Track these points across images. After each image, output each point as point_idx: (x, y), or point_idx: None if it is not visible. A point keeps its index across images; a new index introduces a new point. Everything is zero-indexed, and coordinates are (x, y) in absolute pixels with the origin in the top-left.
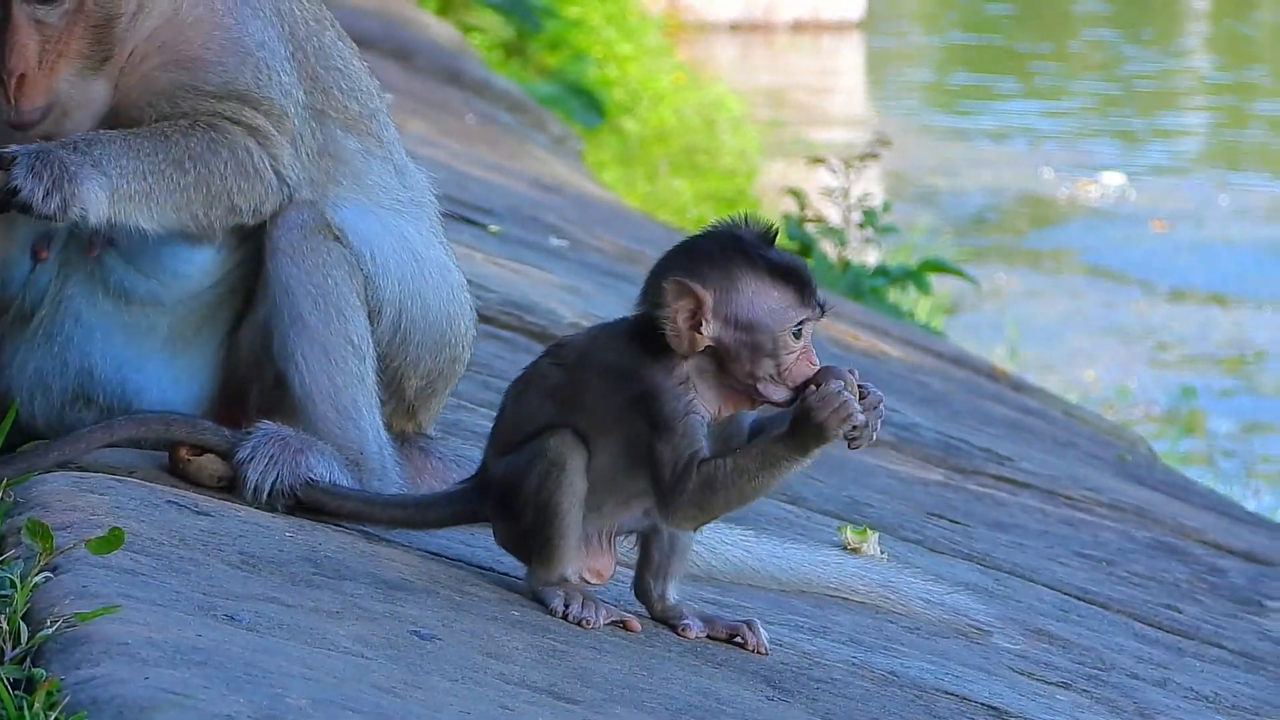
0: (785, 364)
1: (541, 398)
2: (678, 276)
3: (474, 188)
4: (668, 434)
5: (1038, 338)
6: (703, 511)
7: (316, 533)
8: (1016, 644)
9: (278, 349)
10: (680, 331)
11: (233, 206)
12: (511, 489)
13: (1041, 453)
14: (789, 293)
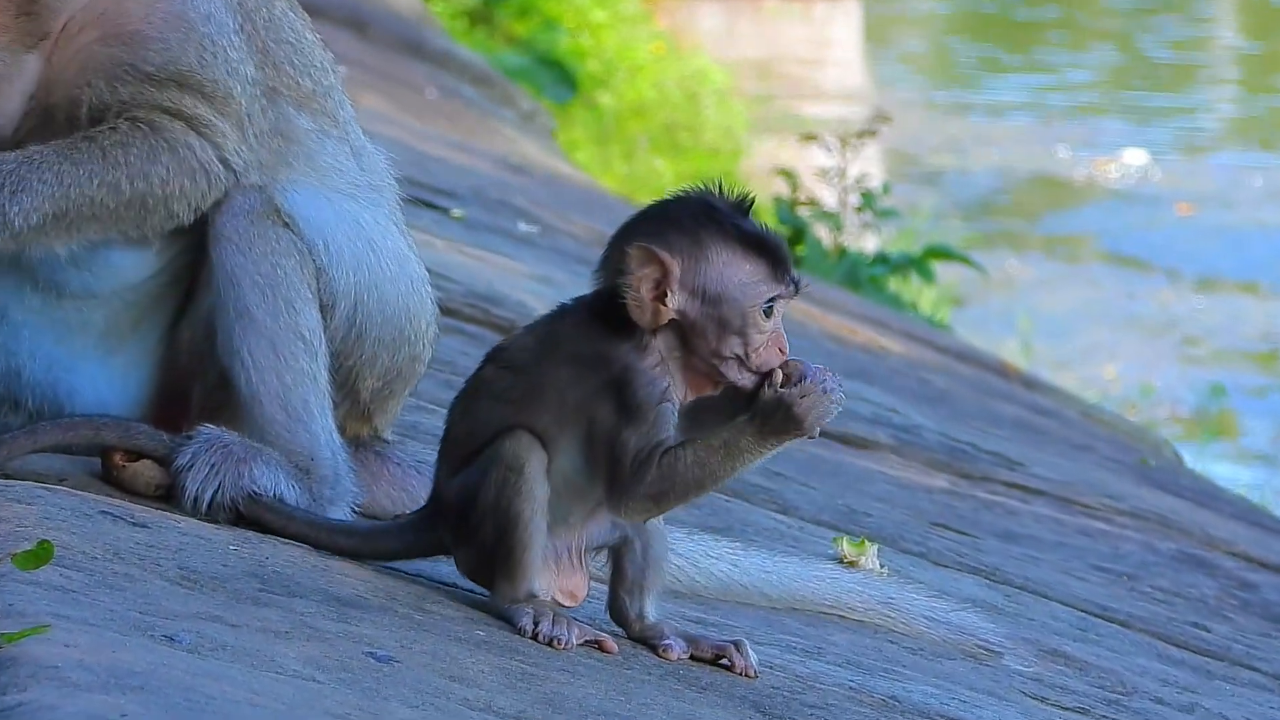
0: (753, 344)
1: (491, 404)
2: (642, 242)
3: (435, 169)
4: (638, 421)
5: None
6: (656, 504)
7: (263, 545)
8: (1029, 666)
9: (222, 345)
10: (643, 302)
11: (171, 214)
12: (467, 505)
13: (1056, 457)
14: (761, 266)
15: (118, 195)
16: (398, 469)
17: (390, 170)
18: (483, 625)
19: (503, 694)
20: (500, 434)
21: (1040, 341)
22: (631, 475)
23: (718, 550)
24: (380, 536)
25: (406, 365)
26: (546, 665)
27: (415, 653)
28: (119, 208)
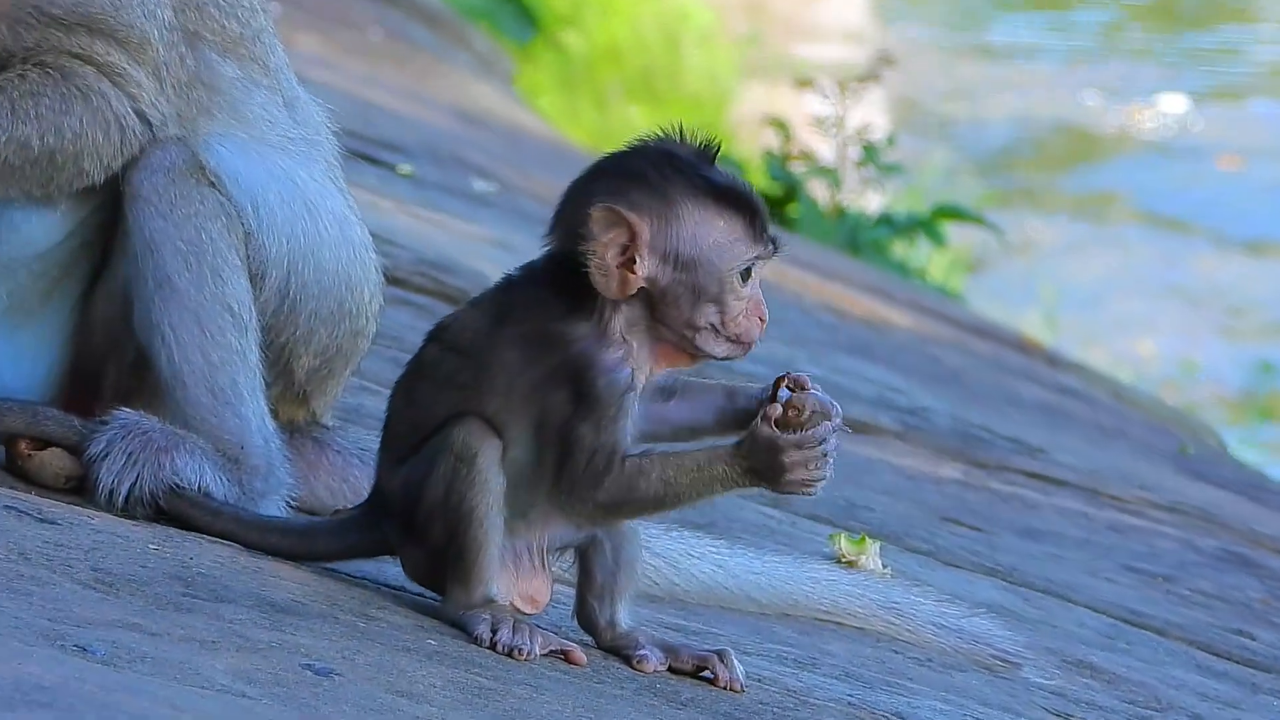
0: (731, 312)
1: (436, 388)
2: (607, 202)
3: (380, 120)
4: (594, 413)
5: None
6: (607, 513)
7: (187, 544)
8: (1052, 679)
9: (140, 319)
10: (609, 270)
11: (80, 171)
12: (414, 501)
13: (1083, 443)
14: (737, 223)
15: (25, 152)
16: (338, 457)
17: (327, 123)
18: (434, 634)
19: (457, 710)
20: (448, 421)
21: (1066, 313)
22: (585, 475)
23: (700, 549)
24: (318, 535)
25: (347, 341)
26: (506, 679)
27: (358, 665)
28: (24, 165)
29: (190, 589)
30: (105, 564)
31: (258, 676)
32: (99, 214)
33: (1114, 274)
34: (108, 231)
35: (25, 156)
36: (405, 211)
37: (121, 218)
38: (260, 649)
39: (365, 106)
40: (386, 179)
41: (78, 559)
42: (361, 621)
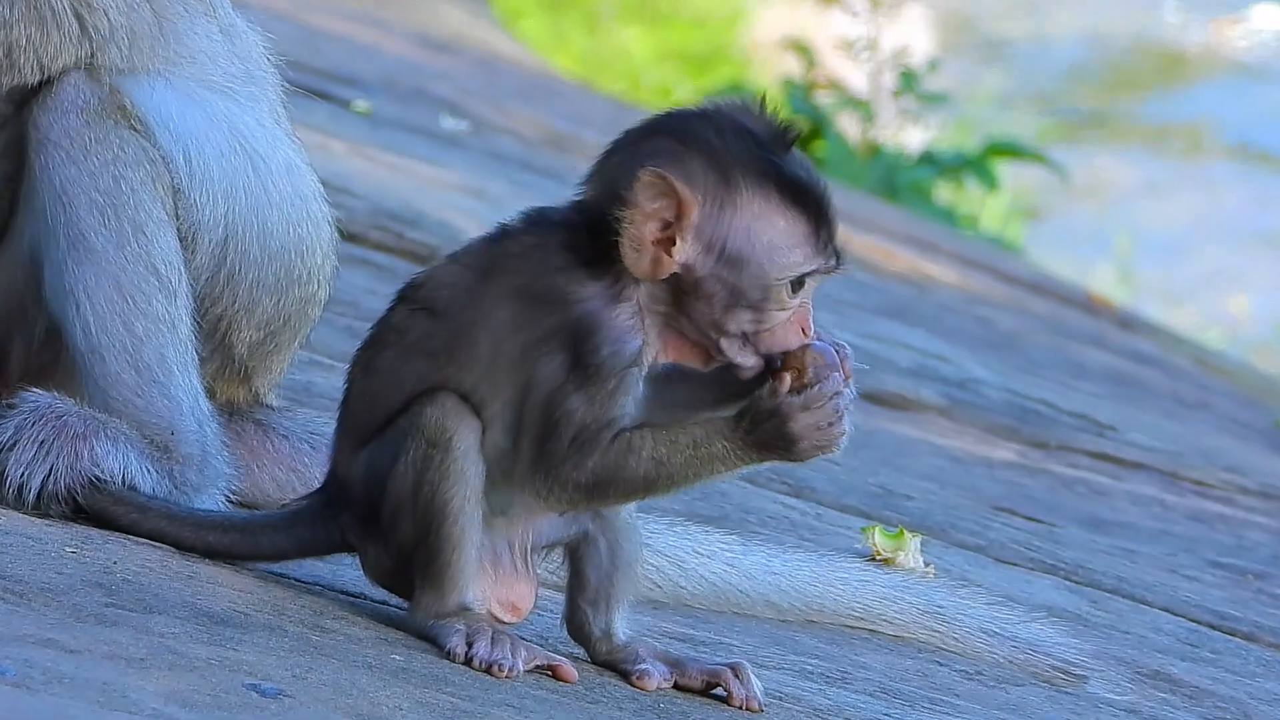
0: (768, 323)
1: (404, 357)
2: (660, 166)
3: (330, 49)
4: (592, 385)
5: (1159, 252)
6: (588, 496)
7: (110, 546)
8: (1124, 693)
9: (50, 284)
10: (643, 245)
11: (12, 64)
12: (377, 492)
13: (1160, 418)
14: (800, 226)
15: None
16: (285, 443)
17: (267, 55)
18: (400, 648)
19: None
20: (418, 397)
21: (1143, 266)
22: (569, 453)
23: (710, 546)
24: (262, 531)
25: (295, 311)
26: (484, 699)
27: (311, 684)
28: None
29: (114, 598)
30: (14, 570)
31: (195, 699)
32: (7, 161)
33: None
34: (12, 182)
35: None
36: (361, 155)
37: (28, 167)
38: (197, 667)
39: (312, 33)
40: (338, 117)
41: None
42: (314, 634)
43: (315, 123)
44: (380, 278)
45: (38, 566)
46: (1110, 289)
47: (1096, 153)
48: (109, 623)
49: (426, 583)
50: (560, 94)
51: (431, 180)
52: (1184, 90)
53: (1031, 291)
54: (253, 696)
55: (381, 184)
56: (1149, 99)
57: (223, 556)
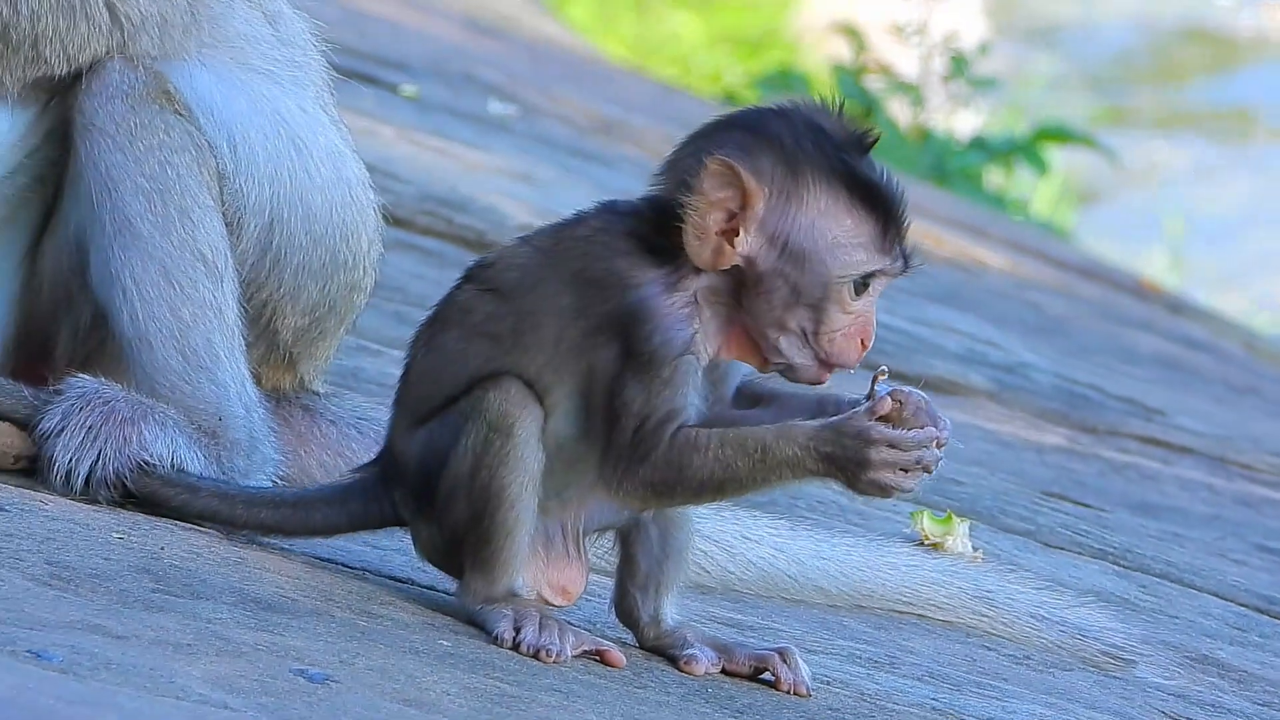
0: (829, 325)
1: (468, 338)
2: (728, 156)
3: (378, 32)
4: (647, 373)
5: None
6: (656, 495)
7: (158, 532)
8: (1172, 678)
9: (96, 270)
10: (706, 233)
11: (39, 56)
12: (433, 471)
13: (1210, 403)
14: (867, 226)
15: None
16: (332, 428)
17: (314, 41)
18: (447, 633)
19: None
20: (482, 381)
21: (1194, 251)
22: (634, 447)
23: (758, 531)
24: (314, 506)
25: (341, 297)
26: (532, 684)
27: (358, 669)
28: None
29: (161, 584)
30: (62, 556)
31: (242, 684)
32: (52, 146)
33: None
34: (60, 170)
35: None
36: (409, 140)
37: (74, 152)
38: (244, 653)
39: (359, 17)
40: (386, 101)
41: (30, 551)
42: (362, 619)
43: (363, 107)
44: (428, 263)
45: (85, 552)
46: (1160, 274)
47: (1147, 137)
48: (156, 608)
49: (477, 567)
50: (609, 79)
51: (479, 165)
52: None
53: (1081, 276)
54: (300, 682)
55: (429, 169)
56: (1199, 83)
57: (275, 532)
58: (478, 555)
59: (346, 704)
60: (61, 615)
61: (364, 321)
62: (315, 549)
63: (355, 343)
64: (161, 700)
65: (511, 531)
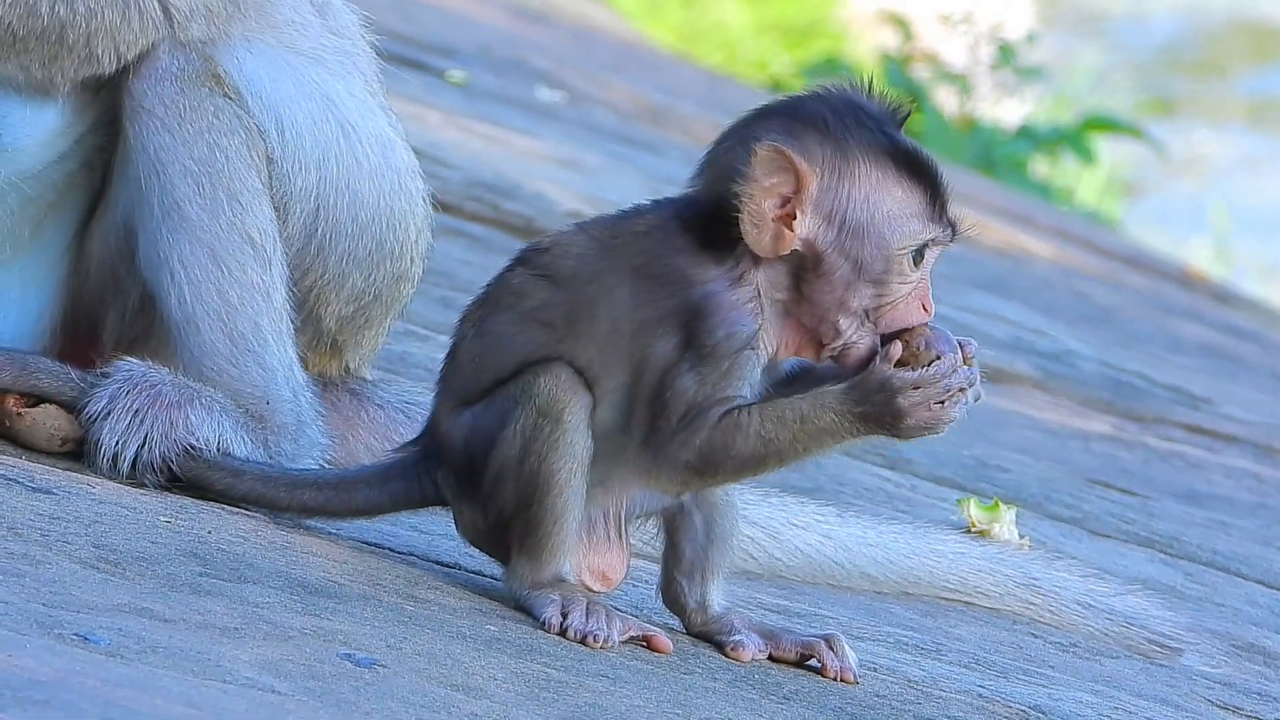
0: (891, 296)
1: (520, 322)
2: (775, 141)
3: (426, 18)
4: (705, 365)
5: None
6: (699, 475)
7: (204, 516)
8: (1218, 666)
9: (144, 253)
10: (763, 220)
11: (91, 55)
12: (480, 455)
13: (1256, 392)
14: (916, 195)
15: (32, 21)
16: (380, 412)
17: (362, 31)
18: (494, 618)
19: (521, 706)
20: (532, 366)
21: (1241, 241)
22: (677, 431)
23: (804, 517)
24: (357, 486)
25: (387, 287)
26: (579, 670)
27: (406, 654)
28: (29, 37)
29: (208, 568)
30: (109, 540)
31: (289, 669)
32: (100, 132)
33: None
34: (109, 151)
35: (32, 26)
36: (456, 126)
37: (122, 135)
38: (291, 637)
39: (408, 3)
40: (434, 87)
41: (77, 534)
42: (409, 604)
43: (410, 93)
44: (475, 249)
45: (132, 536)
46: (1207, 264)
47: (1193, 128)
48: (203, 592)
49: (524, 552)
50: (656, 66)
51: (526, 151)
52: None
53: (1127, 265)
54: (347, 666)
55: (476, 155)
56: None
57: (319, 514)
58: (525, 540)
59: (394, 688)
60: (109, 598)
61: (412, 306)
62: (362, 533)
63: (403, 327)
64: (208, 684)
65: (560, 517)
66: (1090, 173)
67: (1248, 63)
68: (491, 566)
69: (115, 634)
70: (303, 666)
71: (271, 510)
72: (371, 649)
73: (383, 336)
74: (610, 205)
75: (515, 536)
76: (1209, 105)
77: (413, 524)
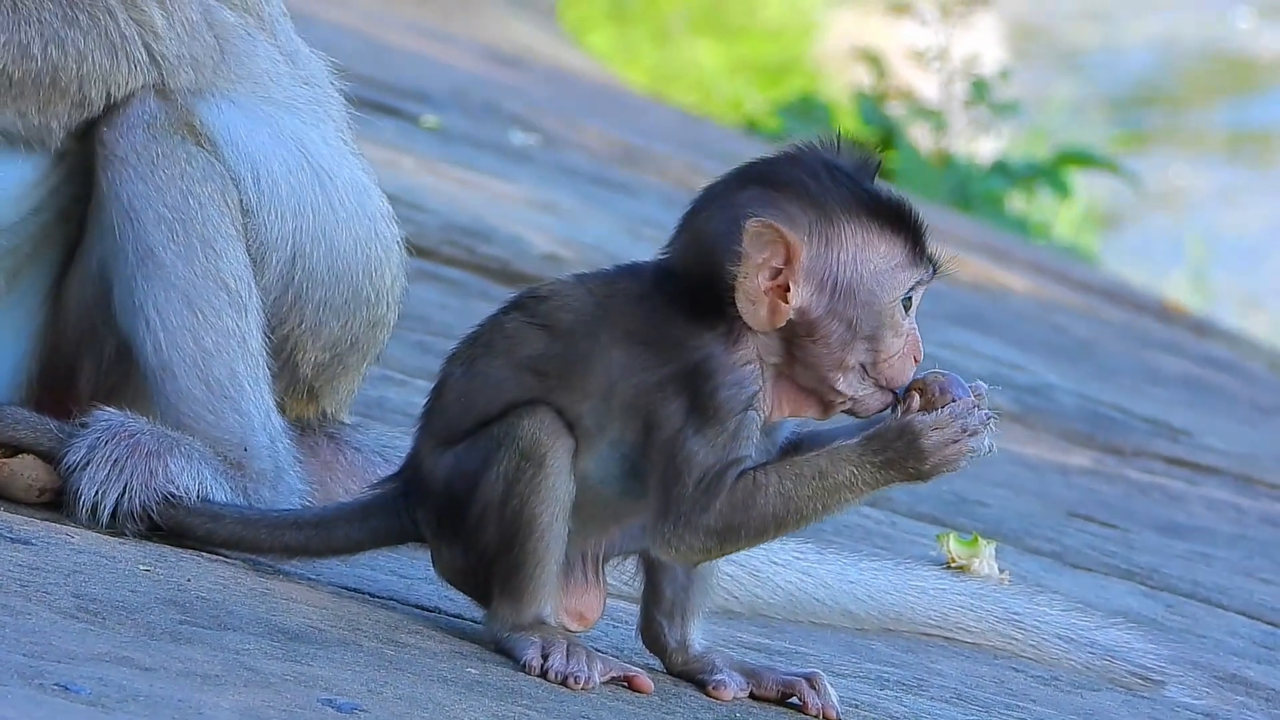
0: (887, 351)
1: (513, 369)
2: (761, 215)
3: (399, 63)
4: (711, 429)
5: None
6: (720, 542)
7: (184, 564)
8: (1201, 698)
9: (120, 301)
10: (758, 296)
11: (83, 99)
12: (462, 495)
13: (1235, 423)
14: (898, 246)
15: (26, 63)
16: (358, 455)
17: (331, 78)
18: (475, 661)
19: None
20: (516, 408)
21: (1218, 273)
22: (695, 498)
23: (785, 555)
24: (335, 524)
25: (364, 333)
26: (560, 711)
27: (386, 699)
28: (25, 80)
29: (188, 616)
30: (89, 589)
31: (269, 715)
32: (75, 181)
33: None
34: (83, 204)
35: (26, 69)
36: (431, 170)
37: (96, 184)
38: (272, 683)
39: (381, 49)
40: (408, 132)
41: (57, 584)
42: (389, 649)
43: (385, 139)
44: (452, 293)
45: (112, 585)
46: (1185, 296)
47: (1169, 161)
48: (183, 640)
49: (505, 594)
50: (631, 107)
51: (502, 195)
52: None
53: (1105, 298)
54: (328, 712)
55: (452, 199)
56: (1221, 107)
57: (300, 554)
58: (507, 583)
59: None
60: (89, 648)
61: (388, 351)
62: (341, 579)
63: (379, 372)
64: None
65: (541, 560)
66: (1067, 207)
67: (1222, 95)
68: (471, 610)
69: (96, 683)
70: (284, 713)
71: (253, 553)
72: (353, 694)
73: (360, 382)
74: (586, 247)
75: (496, 578)
76: (1185, 138)
77: (392, 568)
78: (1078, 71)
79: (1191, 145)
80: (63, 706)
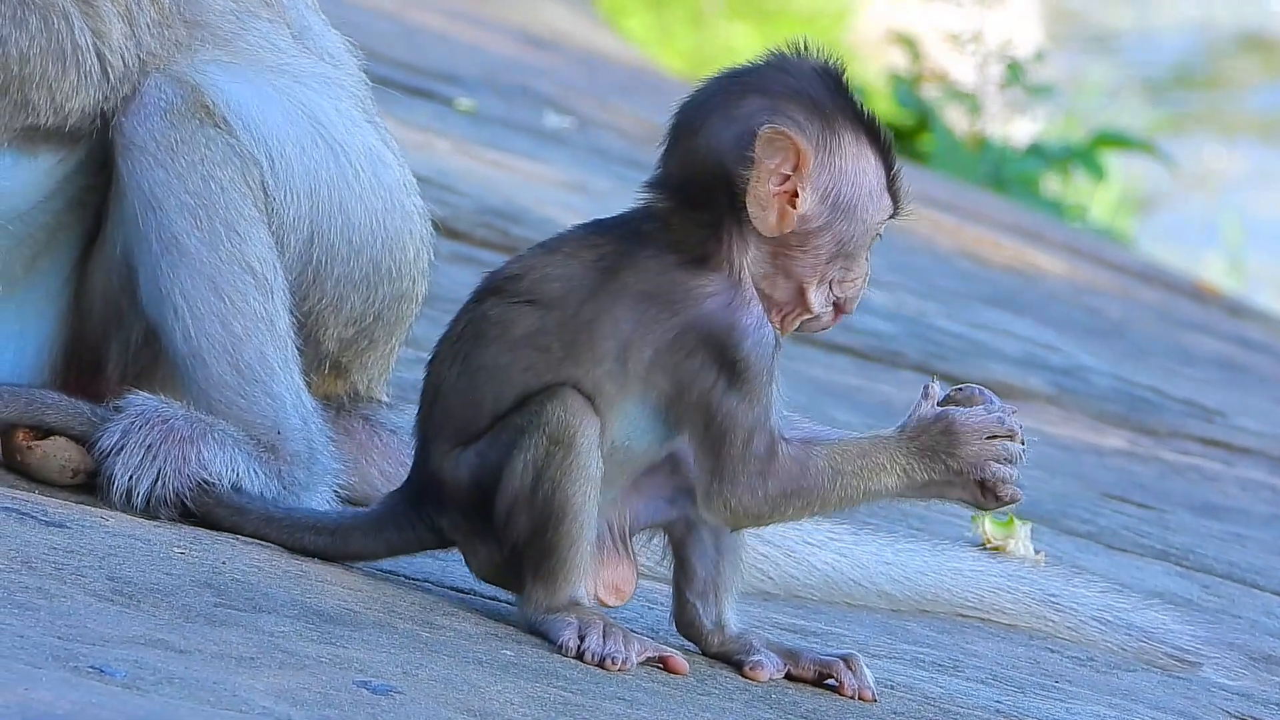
0: (855, 273)
1: (511, 351)
2: (774, 123)
3: (433, 47)
4: (744, 385)
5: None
6: (771, 508)
7: (218, 547)
8: (1237, 678)
9: (146, 289)
10: (769, 201)
11: (25, 101)
12: (490, 490)
13: (1270, 404)
14: (883, 170)
15: None
16: (392, 437)
17: (349, 53)
18: (510, 643)
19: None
20: (537, 394)
21: (1254, 255)
22: (748, 462)
23: (820, 535)
24: (352, 534)
25: (388, 307)
26: (596, 692)
27: (422, 680)
28: None
29: (223, 598)
30: (123, 572)
31: (305, 697)
32: (88, 168)
33: None
34: (101, 190)
35: None
36: (465, 153)
37: (115, 173)
38: (307, 665)
39: (414, 31)
40: (442, 115)
41: (91, 567)
42: (424, 631)
43: (419, 121)
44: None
45: (146, 568)
46: (1220, 278)
47: (1204, 143)
48: (218, 622)
49: (540, 577)
50: (664, 90)
51: (536, 177)
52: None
53: (1139, 280)
54: (363, 694)
55: (486, 181)
56: (1257, 89)
57: (319, 557)
58: (541, 566)
59: (410, 715)
60: (124, 630)
61: (424, 334)
62: (376, 561)
63: (415, 355)
64: (225, 714)
65: (575, 541)
66: (1102, 189)
67: (1258, 77)
68: (505, 594)
69: (131, 665)
70: (318, 695)
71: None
72: (387, 676)
73: (392, 357)
74: None
75: (530, 563)
76: (1220, 120)
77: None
78: (1113, 54)
79: (1227, 128)
80: (98, 689)
